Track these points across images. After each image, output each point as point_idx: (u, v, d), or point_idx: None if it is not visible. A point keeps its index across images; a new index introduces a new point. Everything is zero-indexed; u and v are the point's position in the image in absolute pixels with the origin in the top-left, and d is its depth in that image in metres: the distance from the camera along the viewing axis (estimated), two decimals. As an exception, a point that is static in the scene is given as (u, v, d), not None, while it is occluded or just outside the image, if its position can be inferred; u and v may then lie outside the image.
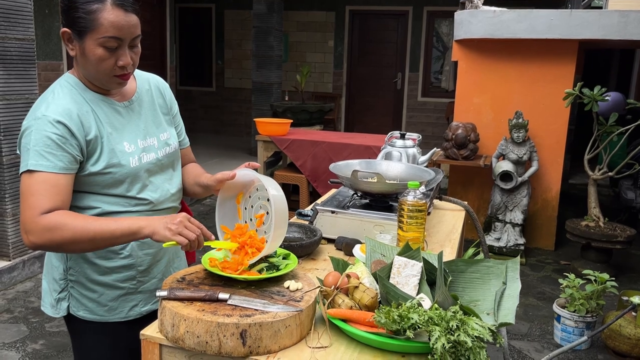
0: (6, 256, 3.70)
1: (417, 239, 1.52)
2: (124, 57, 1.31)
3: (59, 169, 1.28)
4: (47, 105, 1.31)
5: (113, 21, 1.26)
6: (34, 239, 1.26)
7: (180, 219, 1.28)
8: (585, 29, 4.26)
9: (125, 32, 1.29)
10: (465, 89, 4.83)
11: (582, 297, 3.05)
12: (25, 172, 1.28)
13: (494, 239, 4.53)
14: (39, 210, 1.25)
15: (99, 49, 1.29)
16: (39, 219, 1.25)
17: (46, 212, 1.26)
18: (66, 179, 1.30)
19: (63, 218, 1.26)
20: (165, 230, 1.26)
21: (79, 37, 1.29)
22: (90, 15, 1.26)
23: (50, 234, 1.25)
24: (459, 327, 1.06)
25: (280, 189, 1.35)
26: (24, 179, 1.29)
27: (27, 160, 1.28)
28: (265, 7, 7.54)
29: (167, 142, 1.51)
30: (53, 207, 1.27)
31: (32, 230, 1.25)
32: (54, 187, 1.28)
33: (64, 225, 1.25)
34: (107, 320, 1.45)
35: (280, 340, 1.12)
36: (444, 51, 9.08)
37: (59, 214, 1.27)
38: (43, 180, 1.27)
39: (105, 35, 1.27)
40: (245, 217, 1.45)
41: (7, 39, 3.49)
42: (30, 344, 3.00)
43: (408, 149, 2.24)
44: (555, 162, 4.65)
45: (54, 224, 1.25)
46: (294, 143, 4.75)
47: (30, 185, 1.27)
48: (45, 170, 1.27)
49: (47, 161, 1.27)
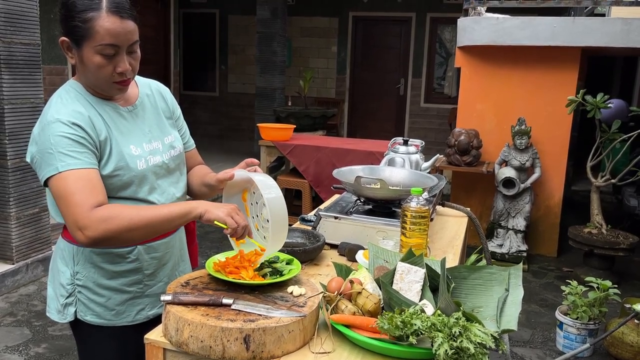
0: (9, 259, 3.71)
1: (420, 245, 1.52)
2: (122, 64, 1.32)
3: (88, 164, 1.29)
4: (57, 109, 1.32)
5: (109, 28, 1.27)
6: (91, 233, 1.24)
7: (233, 207, 1.31)
8: (588, 36, 4.27)
9: (121, 38, 1.29)
10: (468, 95, 4.84)
11: (585, 304, 3.04)
12: (54, 176, 1.27)
13: (497, 245, 4.52)
14: (88, 205, 1.24)
15: (97, 57, 1.29)
16: (92, 213, 1.24)
17: (95, 206, 1.25)
18: (97, 174, 1.31)
19: (115, 208, 1.27)
20: (218, 210, 1.29)
21: (77, 45, 1.30)
22: (86, 23, 1.27)
23: (106, 224, 1.24)
24: (462, 334, 1.06)
25: (276, 187, 1.34)
26: (56, 181, 1.27)
27: (54, 164, 1.27)
28: (269, 13, 7.57)
29: (171, 144, 1.52)
30: (98, 200, 1.26)
31: (87, 225, 1.23)
32: (90, 181, 1.27)
33: (119, 214, 1.25)
34: (115, 324, 1.46)
35: (283, 345, 1.13)
36: (447, 57, 9.09)
37: (109, 206, 1.27)
38: (78, 178, 1.26)
39: (102, 42, 1.28)
40: (252, 213, 1.46)
41: (13, 44, 3.51)
42: (33, 347, 3.00)
43: (411, 155, 2.25)
44: (558, 169, 4.65)
45: (108, 215, 1.24)
46: (296, 148, 4.77)
47: (67, 186, 1.25)
48: (76, 167, 1.27)
49: (75, 159, 1.27)
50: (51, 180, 1.28)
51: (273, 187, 1.34)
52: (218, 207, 1.30)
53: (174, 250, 1.55)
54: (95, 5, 1.27)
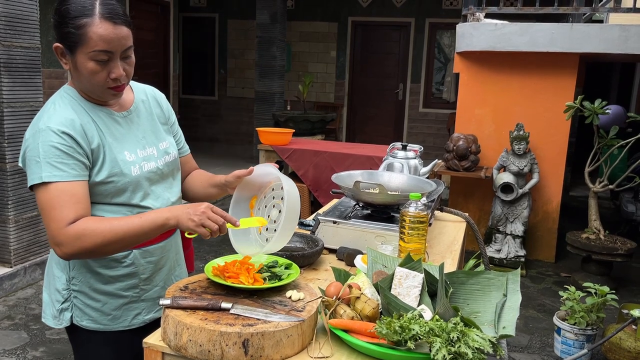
0: (7, 263, 3.70)
1: (419, 250, 1.53)
2: (115, 70, 1.32)
3: (73, 176, 1.29)
4: (49, 117, 1.32)
5: (102, 35, 1.27)
6: (67, 250, 1.27)
7: (202, 209, 1.29)
8: (587, 42, 4.29)
9: (115, 44, 1.29)
10: (467, 101, 4.85)
11: (583, 310, 3.05)
12: (39, 185, 1.28)
13: (495, 250, 4.53)
14: (65, 221, 1.26)
15: (90, 63, 1.29)
16: (67, 230, 1.26)
17: (72, 222, 1.27)
18: (82, 186, 1.31)
19: (89, 224, 1.27)
20: (188, 221, 1.29)
21: (71, 51, 1.31)
22: (79, 30, 1.27)
23: (81, 242, 1.26)
24: (460, 339, 1.07)
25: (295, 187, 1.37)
26: (41, 192, 1.28)
27: (39, 172, 1.28)
28: (268, 18, 7.59)
29: (166, 150, 1.52)
30: (77, 216, 1.28)
31: (63, 242, 1.26)
32: (73, 196, 1.28)
33: (92, 231, 1.26)
34: (111, 329, 1.46)
35: (282, 349, 1.13)
36: (446, 62, 9.12)
37: (84, 222, 1.28)
38: (61, 191, 1.28)
39: (95, 49, 1.28)
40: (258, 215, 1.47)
41: (13, 47, 3.52)
42: (30, 351, 3.00)
43: (410, 160, 2.26)
44: (556, 174, 4.66)
45: (82, 232, 1.26)
46: (295, 152, 4.77)
47: (50, 199, 1.27)
48: (60, 180, 1.28)
49: (60, 171, 1.28)
50: (36, 189, 1.30)
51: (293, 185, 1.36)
52: (188, 217, 1.29)
53: (169, 254, 1.55)
54: (88, 12, 1.27)
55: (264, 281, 1.31)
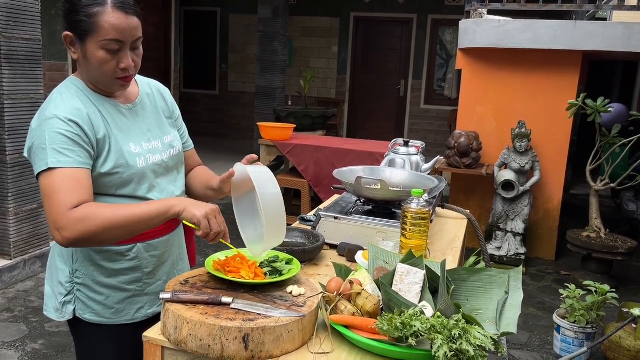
0: (7, 255, 3.70)
1: (420, 247, 1.52)
2: (125, 60, 1.32)
3: (79, 163, 1.28)
4: (56, 105, 1.32)
5: (114, 24, 1.27)
6: (68, 234, 1.24)
7: (213, 207, 1.30)
8: (590, 40, 4.28)
9: (126, 34, 1.30)
10: (469, 98, 4.84)
11: (583, 308, 3.04)
12: (44, 172, 1.27)
13: (495, 247, 4.52)
14: (68, 205, 1.24)
15: (101, 52, 1.29)
16: (69, 214, 1.23)
17: (75, 207, 1.24)
18: (87, 174, 1.30)
19: (92, 208, 1.26)
20: (196, 209, 1.28)
21: (81, 40, 1.30)
22: (91, 18, 1.27)
23: (82, 225, 1.23)
24: (462, 336, 1.06)
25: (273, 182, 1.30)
26: (45, 177, 1.27)
27: (45, 159, 1.27)
28: (270, 12, 7.56)
29: (171, 144, 1.51)
30: (80, 200, 1.26)
31: (65, 225, 1.23)
32: (77, 181, 1.27)
33: (95, 214, 1.24)
34: (114, 322, 1.45)
35: (282, 345, 1.12)
36: (448, 59, 9.10)
37: (87, 206, 1.26)
38: (65, 176, 1.26)
39: (107, 38, 1.28)
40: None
41: (14, 39, 3.50)
42: (30, 343, 3.00)
43: (411, 157, 2.25)
44: (557, 172, 4.65)
45: (85, 215, 1.24)
46: (296, 148, 4.76)
47: (54, 183, 1.25)
48: (66, 165, 1.26)
49: (67, 157, 1.27)
50: (41, 176, 1.28)
51: (269, 182, 1.30)
52: (197, 206, 1.29)
53: (173, 248, 1.54)
54: (100, 1, 1.27)
55: (265, 276, 1.31)
